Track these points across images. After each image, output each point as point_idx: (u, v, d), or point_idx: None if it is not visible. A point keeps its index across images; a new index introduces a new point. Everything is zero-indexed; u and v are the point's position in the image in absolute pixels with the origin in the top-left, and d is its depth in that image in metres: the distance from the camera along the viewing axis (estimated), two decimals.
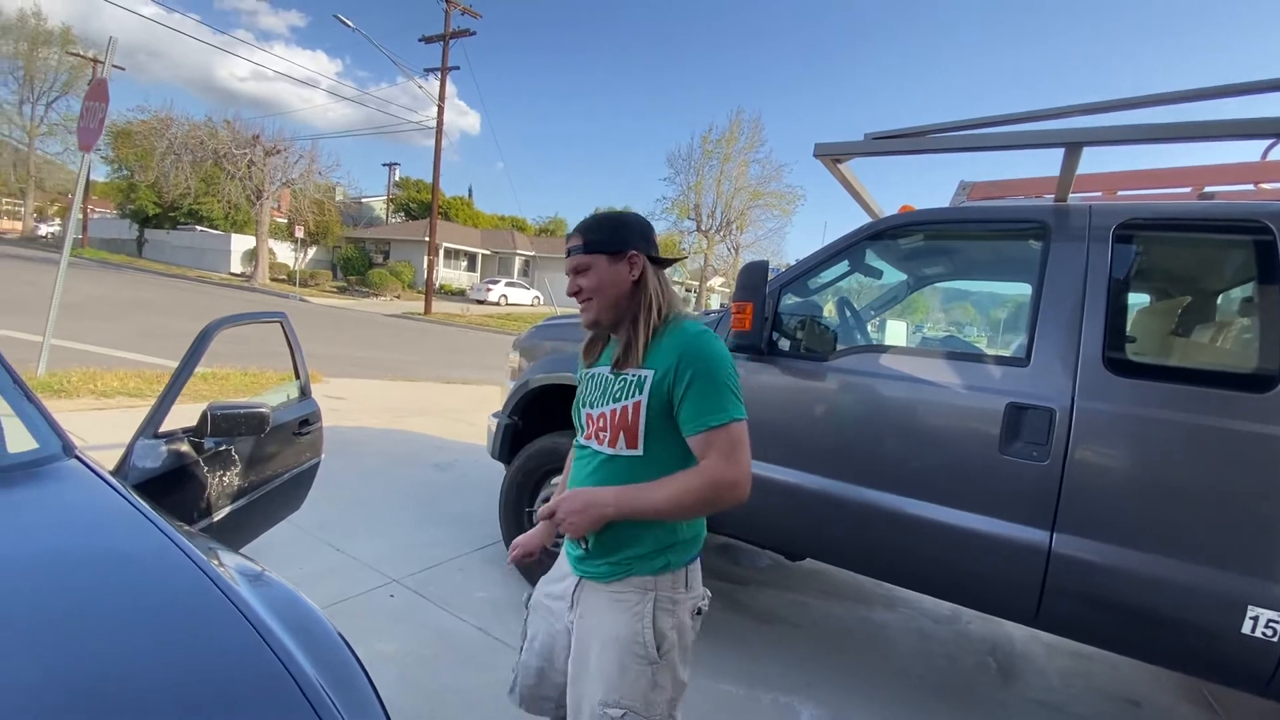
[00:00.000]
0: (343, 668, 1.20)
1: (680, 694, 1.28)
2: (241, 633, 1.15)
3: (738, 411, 1.19)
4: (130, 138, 28.60)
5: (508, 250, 36.76)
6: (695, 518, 1.30)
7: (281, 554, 3.06)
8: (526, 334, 3.55)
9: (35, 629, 1.01)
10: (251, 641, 1.13)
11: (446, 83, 22.71)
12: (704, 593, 1.35)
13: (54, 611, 1.07)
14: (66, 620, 1.06)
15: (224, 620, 1.16)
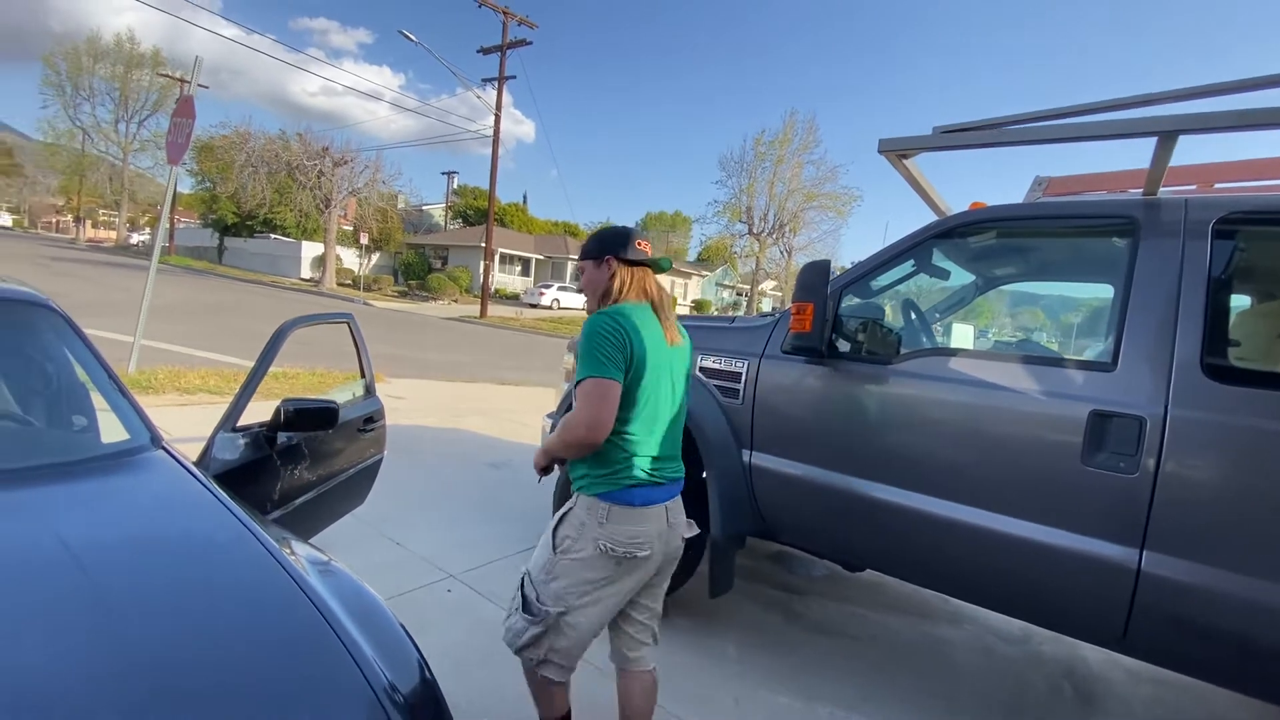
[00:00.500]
0: (404, 658, 1.23)
1: (569, 626, 1.60)
2: (309, 620, 1.18)
3: (585, 372, 1.53)
4: (212, 152, 30.55)
5: (560, 255, 37.34)
6: (575, 453, 1.60)
7: (345, 546, 3.17)
8: None
9: (120, 608, 1.07)
10: (319, 629, 1.16)
11: (503, 92, 23.30)
12: (642, 548, 1.59)
13: (138, 592, 1.13)
14: (148, 600, 1.12)
15: (293, 607, 1.20)
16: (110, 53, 38.93)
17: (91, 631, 1.00)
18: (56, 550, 1.15)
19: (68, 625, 1.00)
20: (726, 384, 2.65)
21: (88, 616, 1.03)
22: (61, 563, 1.13)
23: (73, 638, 0.98)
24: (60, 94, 38.80)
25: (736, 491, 2.59)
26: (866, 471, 2.23)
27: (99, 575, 1.12)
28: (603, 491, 1.59)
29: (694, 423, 2.63)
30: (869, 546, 2.35)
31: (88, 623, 1.01)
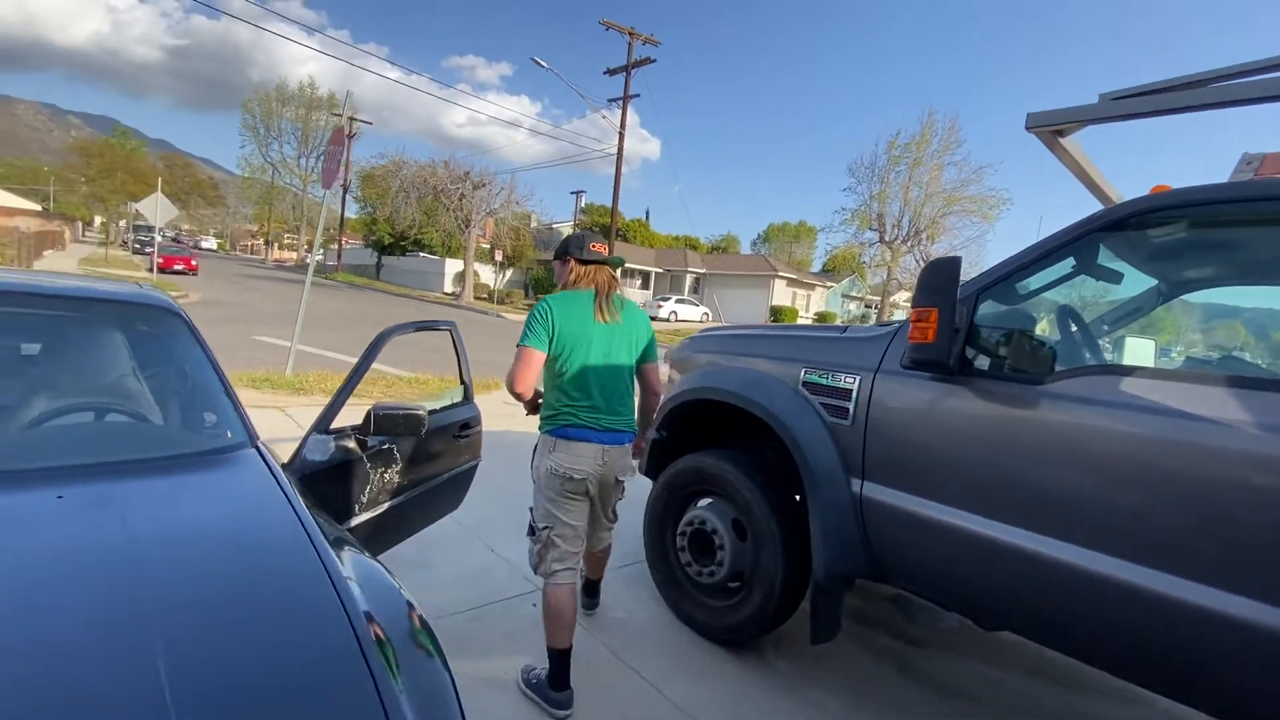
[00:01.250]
0: (436, 695, 1.10)
1: (559, 533, 2.23)
2: (341, 638, 1.10)
3: (519, 342, 2.20)
4: (373, 180, 34.29)
5: (679, 268, 37.55)
6: (515, 398, 2.34)
7: (441, 549, 3.22)
8: (680, 345, 3.40)
9: (146, 600, 1.05)
10: (349, 652, 1.08)
11: (628, 111, 23.90)
12: (577, 471, 2.20)
13: (170, 584, 1.12)
14: (183, 596, 1.10)
15: (328, 622, 1.13)
16: (294, 97, 45.21)
17: (105, 618, 1.00)
18: (117, 539, 1.19)
19: (86, 608, 1.02)
20: (834, 401, 2.34)
21: (111, 601, 1.04)
22: (116, 550, 1.16)
23: (82, 621, 0.99)
24: (255, 135, 45.66)
25: (843, 526, 2.27)
26: (1006, 514, 1.83)
27: (145, 567, 1.13)
28: (549, 429, 2.27)
29: (795, 443, 2.35)
30: (1005, 605, 1.94)
31: (107, 607, 1.03)
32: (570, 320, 2.20)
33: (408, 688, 1.05)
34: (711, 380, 2.84)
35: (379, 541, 2.41)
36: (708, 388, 2.81)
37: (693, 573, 2.73)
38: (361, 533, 2.23)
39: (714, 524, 2.64)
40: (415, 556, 3.06)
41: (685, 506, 2.84)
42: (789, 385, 2.51)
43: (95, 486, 1.40)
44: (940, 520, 1.99)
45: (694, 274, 37.78)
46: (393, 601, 1.29)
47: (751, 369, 2.74)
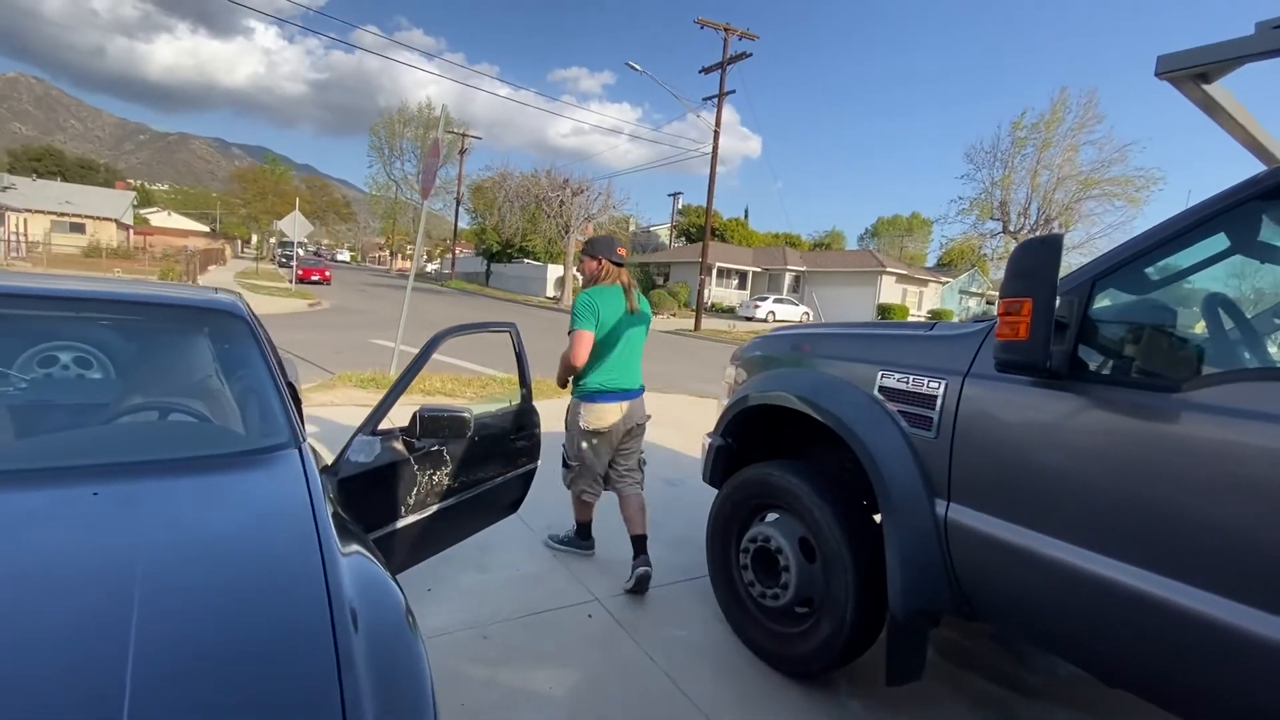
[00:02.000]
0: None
1: (585, 467, 3.08)
2: (322, 662, 1.03)
3: (574, 326, 2.89)
4: (482, 192, 36.21)
5: (778, 267, 36.49)
6: (568, 373, 3.01)
7: (503, 551, 3.20)
8: (747, 345, 3.17)
9: (131, 606, 1.02)
10: (325, 678, 1.01)
11: (724, 108, 23.54)
12: (603, 426, 3.01)
13: (163, 595, 1.09)
14: (166, 604, 1.07)
15: (312, 642, 1.06)
16: (414, 118, 48.75)
17: (77, 621, 1.00)
18: (124, 540, 1.21)
19: (62, 609, 1.02)
20: (915, 409, 2.04)
21: (92, 603, 1.03)
22: (118, 551, 1.17)
23: (52, 622, 0.99)
24: (380, 155, 49.73)
25: (925, 554, 1.97)
26: (1128, 552, 1.48)
27: (138, 571, 1.12)
28: (581, 395, 3.01)
29: (869, 457, 2.07)
30: (1127, 662, 1.57)
31: (84, 609, 1.02)
32: (608, 309, 2.96)
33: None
34: (778, 384, 2.60)
35: (428, 545, 2.40)
36: (773, 392, 2.58)
37: (756, 594, 2.50)
38: (408, 536, 2.22)
39: (779, 542, 2.40)
40: (474, 558, 3.06)
41: (749, 521, 2.62)
42: (864, 390, 2.23)
43: (130, 485, 1.44)
44: (1043, 554, 1.65)
45: (794, 272, 36.54)
46: (389, 623, 1.21)
47: (822, 371, 2.48)
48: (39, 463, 1.53)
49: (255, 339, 2.13)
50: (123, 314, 2.12)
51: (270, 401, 1.95)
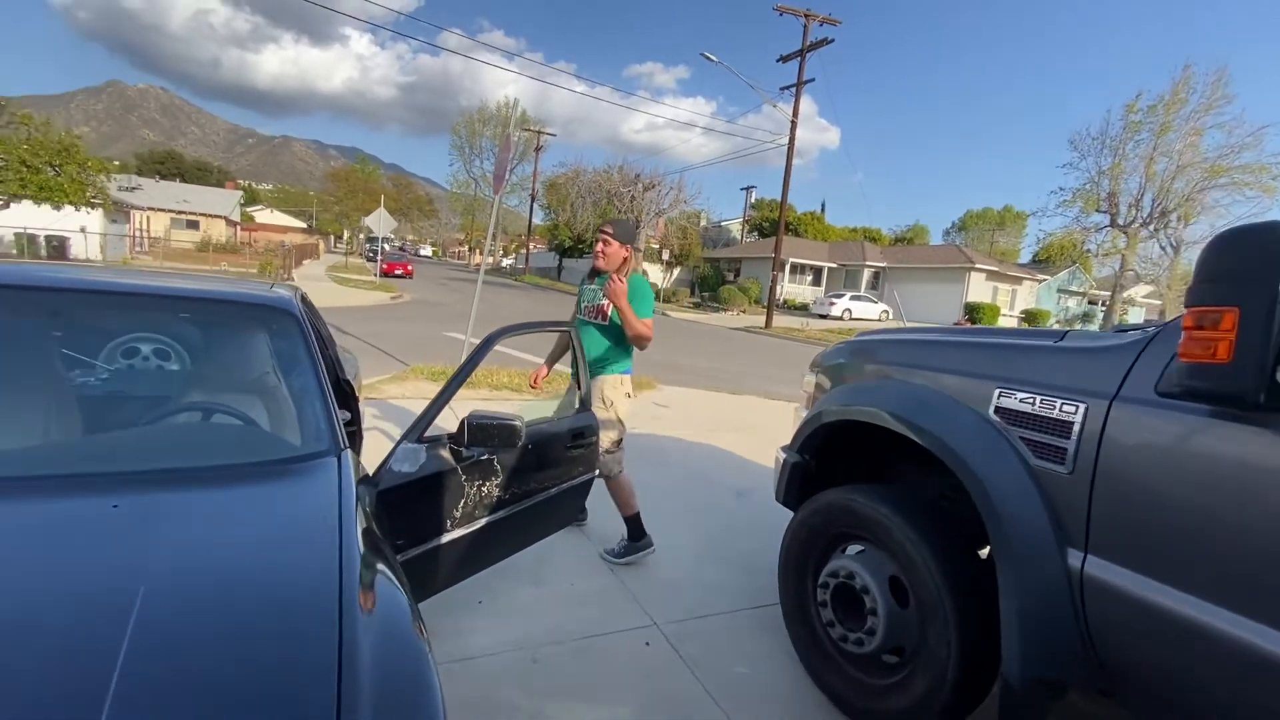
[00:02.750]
0: None
1: (618, 438, 3.11)
2: (321, 701, 0.89)
3: (649, 311, 3.08)
4: (556, 188, 36.73)
5: (855, 263, 35.01)
6: (641, 347, 3.10)
7: (559, 563, 3.03)
8: (830, 351, 2.84)
9: (124, 635, 0.93)
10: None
11: (802, 98, 22.68)
12: (632, 393, 3.23)
13: (163, 624, 0.99)
14: (165, 634, 0.98)
15: (316, 678, 0.93)
16: (493, 117, 50.15)
17: (71, 652, 0.91)
18: (128, 559, 1.10)
19: (55, 633, 0.94)
20: (1043, 437, 1.68)
21: (88, 633, 0.94)
22: (121, 571, 1.07)
23: (39, 646, 0.91)
24: (461, 154, 51.57)
25: (1051, 612, 1.62)
26: None
27: (143, 596, 1.01)
28: (625, 370, 3.15)
29: (981, 490, 1.74)
30: None
31: (79, 640, 0.93)
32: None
33: None
34: (867, 397, 2.28)
35: (475, 561, 2.25)
36: (861, 407, 2.26)
37: (836, 635, 2.20)
38: (454, 552, 2.07)
39: (864, 581, 2.09)
40: (528, 569, 2.90)
41: (829, 551, 2.32)
42: (975, 410, 1.88)
43: (152, 497, 1.34)
44: (1222, 632, 1.28)
45: (873, 268, 34.94)
46: (406, 672, 1.04)
47: (923, 384, 2.14)
48: (71, 468, 1.45)
49: (304, 338, 2.03)
50: (175, 310, 2.08)
51: (313, 406, 1.84)
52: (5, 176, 16.11)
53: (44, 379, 1.79)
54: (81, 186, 17.55)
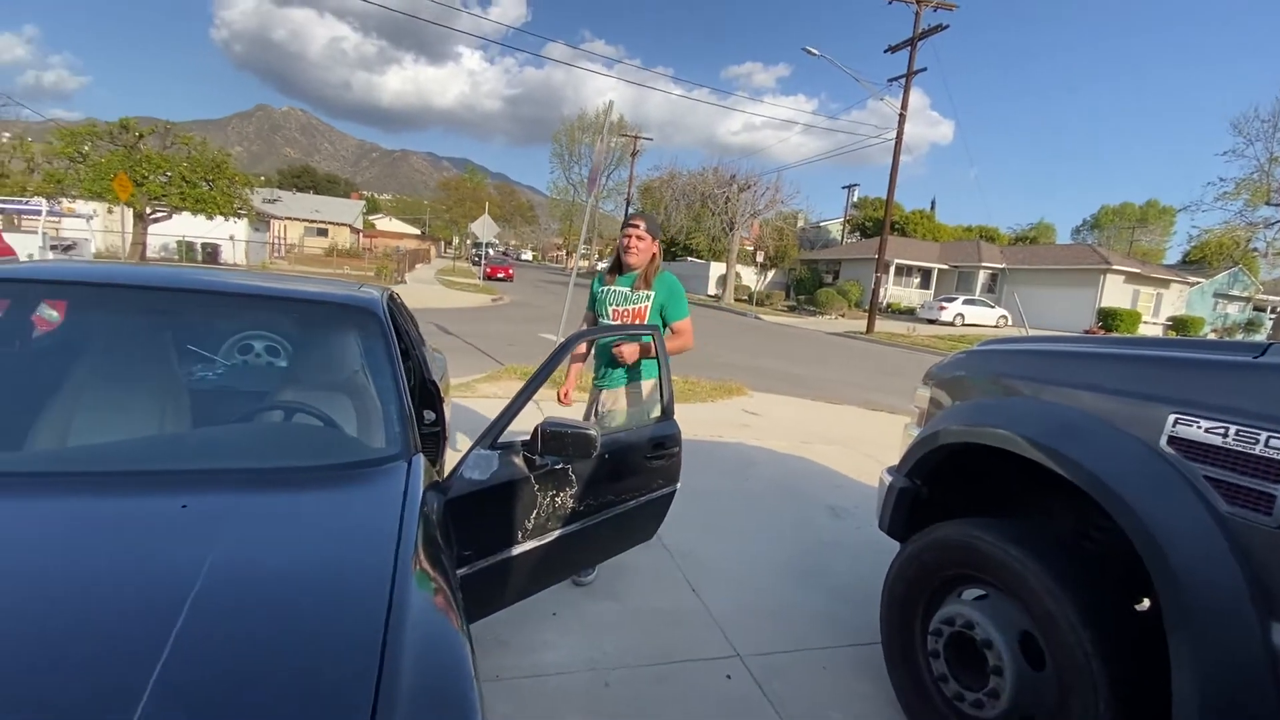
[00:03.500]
0: None
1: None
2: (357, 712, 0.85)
3: (688, 311, 2.91)
4: (650, 191, 36.96)
5: (969, 264, 32.52)
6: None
7: (640, 577, 2.89)
8: (948, 361, 2.51)
9: (176, 635, 0.92)
10: None
11: (911, 92, 21.35)
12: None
13: (209, 626, 0.97)
14: (224, 621, 0.99)
15: (355, 689, 0.90)
16: (592, 125, 51.25)
17: (110, 653, 0.91)
18: (186, 563, 1.07)
19: (93, 639, 0.92)
20: (1237, 478, 1.33)
21: (130, 635, 0.93)
22: (176, 576, 1.05)
23: (77, 649, 0.90)
24: (561, 161, 53.12)
25: (1243, 696, 1.27)
26: None
27: (194, 601, 0.99)
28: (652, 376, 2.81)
29: (1148, 538, 1.41)
30: None
31: (120, 643, 0.92)
32: None
33: None
34: (995, 417, 1.96)
35: (548, 574, 2.15)
36: (987, 428, 1.94)
37: (950, 692, 1.90)
38: (526, 563, 1.98)
39: (987, 633, 1.77)
40: (607, 582, 2.78)
41: (943, 593, 2.01)
42: (1140, 439, 1.54)
43: (220, 498, 1.33)
44: None
45: (989, 269, 32.30)
46: (445, 682, 1.00)
47: (1068, 404, 1.80)
48: (154, 465, 1.48)
49: (384, 340, 2.01)
50: (269, 311, 2.13)
51: (388, 409, 1.80)
52: (168, 191, 18.43)
53: (136, 376, 1.87)
54: (230, 199, 19.72)
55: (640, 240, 2.80)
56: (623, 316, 2.83)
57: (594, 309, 2.97)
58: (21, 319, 2.05)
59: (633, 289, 2.82)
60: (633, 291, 2.83)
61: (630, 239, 2.80)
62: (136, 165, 18.03)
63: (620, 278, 2.88)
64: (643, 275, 2.82)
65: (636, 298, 2.82)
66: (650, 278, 2.82)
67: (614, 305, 2.86)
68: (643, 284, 2.82)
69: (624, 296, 2.84)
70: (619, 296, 2.85)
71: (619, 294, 2.86)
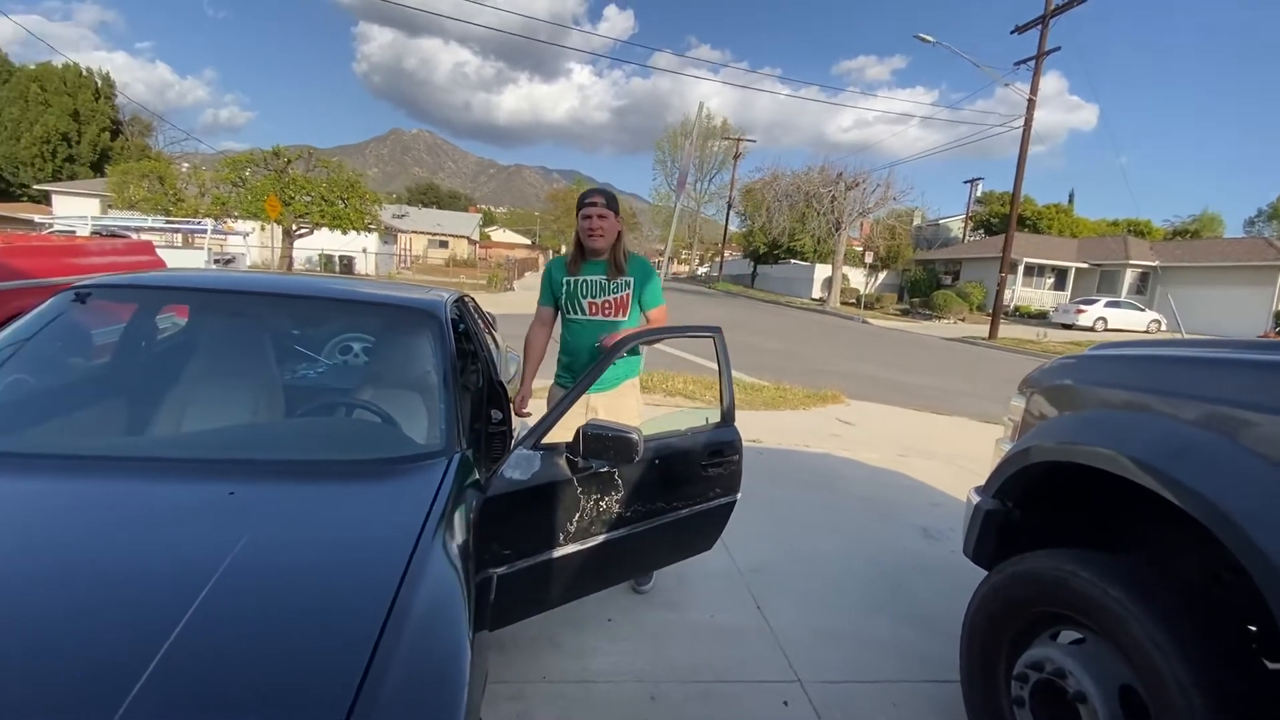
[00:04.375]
0: None
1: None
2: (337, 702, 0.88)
3: (662, 299, 2.69)
4: (752, 193, 36.35)
5: (1114, 261, 29.00)
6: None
7: (700, 588, 2.79)
8: (1049, 367, 2.21)
9: (192, 614, 0.98)
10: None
11: (1043, 74, 19.44)
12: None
13: (231, 600, 1.04)
14: (239, 600, 1.05)
15: (336, 685, 0.91)
16: (691, 130, 51.52)
17: (123, 626, 0.98)
18: (214, 545, 1.15)
19: (112, 612, 1.01)
20: None
21: (149, 609, 1.01)
22: (208, 557, 1.11)
23: (85, 624, 0.98)
24: (663, 168, 53.77)
25: None
26: None
27: (223, 570, 1.08)
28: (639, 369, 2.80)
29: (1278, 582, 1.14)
30: None
31: (138, 615, 1.00)
32: None
33: None
34: (1097, 432, 1.69)
35: (593, 579, 2.11)
36: (1088, 446, 1.67)
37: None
38: (568, 567, 1.96)
39: (1082, 684, 1.52)
40: (665, 591, 2.71)
41: (1031, 633, 1.75)
42: (1277, 464, 1.25)
43: (265, 487, 1.42)
44: None
45: (1139, 268, 28.61)
46: (431, 690, 1.00)
47: (1190, 420, 1.50)
48: (224, 454, 1.61)
49: (441, 342, 2.07)
50: (343, 313, 2.27)
51: (435, 407, 1.86)
52: (310, 210, 20.68)
53: (234, 373, 2.05)
54: (362, 215, 21.76)
55: (603, 219, 2.47)
56: (602, 309, 2.55)
57: (558, 304, 2.62)
58: (147, 321, 2.33)
59: (607, 277, 2.53)
60: (608, 280, 2.53)
61: (591, 220, 2.47)
62: (285, 187, 20.41)
63: (586, 264, 2.55)
64: (613, 261, 2.52)
65: (616, 286, 2.53)
66: (621, 261, 2.53)
67: (589, 298, 2.55)
68: (615, 271, 2.52)
69: (600, 286, 2.54)
70: (594, 287, 2.54)
71: (593, 284, 2.54)
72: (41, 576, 1.07)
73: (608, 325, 2.52)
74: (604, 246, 2.51)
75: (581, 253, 2.56)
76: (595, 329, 2.52)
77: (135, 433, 1.78)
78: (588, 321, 2.56)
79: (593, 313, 2.55)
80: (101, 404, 1.95)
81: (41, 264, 4.34)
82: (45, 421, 1.78)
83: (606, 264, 2.54)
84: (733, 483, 2.41)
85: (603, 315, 2.55)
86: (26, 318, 1.95)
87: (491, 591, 1.73)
